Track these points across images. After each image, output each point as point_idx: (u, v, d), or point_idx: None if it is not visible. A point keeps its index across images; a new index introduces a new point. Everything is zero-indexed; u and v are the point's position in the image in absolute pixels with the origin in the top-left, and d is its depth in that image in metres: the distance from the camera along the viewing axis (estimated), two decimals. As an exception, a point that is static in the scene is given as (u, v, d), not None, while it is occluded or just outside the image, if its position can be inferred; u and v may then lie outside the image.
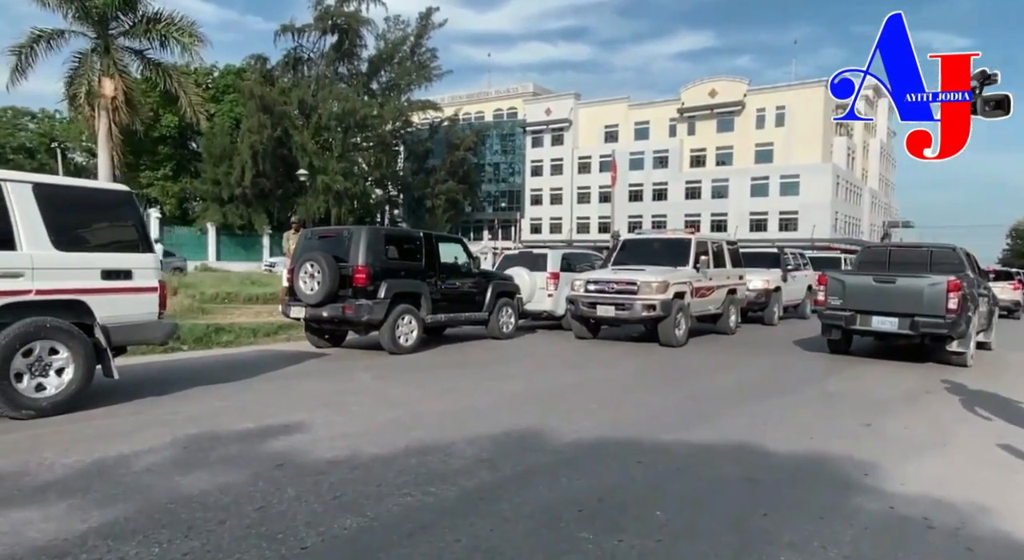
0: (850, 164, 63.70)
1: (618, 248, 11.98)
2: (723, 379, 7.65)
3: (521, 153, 74.52)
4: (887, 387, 7.35)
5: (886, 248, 11.36)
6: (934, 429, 5.39)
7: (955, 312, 8.54)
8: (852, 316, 9.16)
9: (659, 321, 10.01)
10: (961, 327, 8.68)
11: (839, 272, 10.47)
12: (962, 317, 8.65)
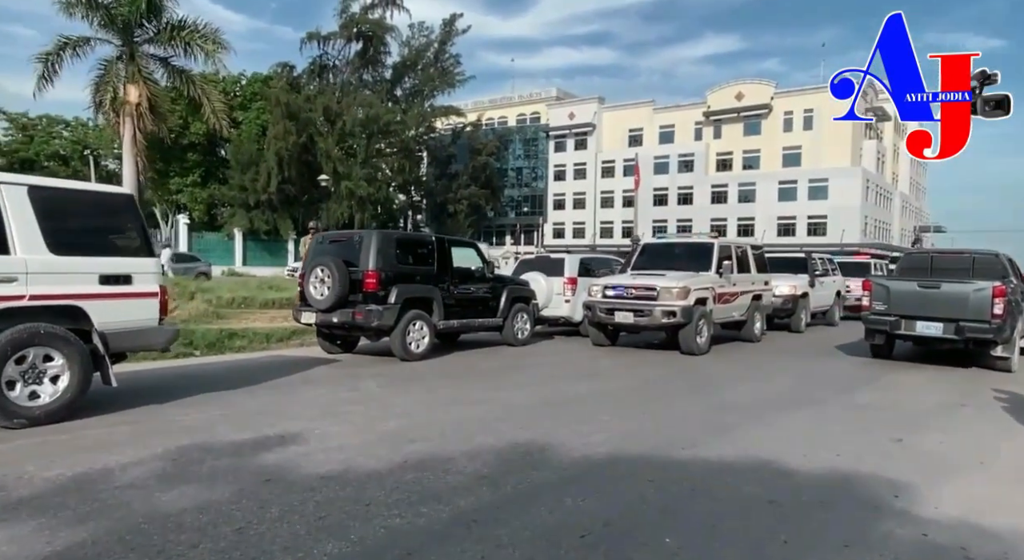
0: (880, 168, 62.22)
1: (638, 252, 11.67)
2: (746, 390, 7.31)
3: (544, 158, 74.37)
4: (921, 398, 6.95)
5: (928, 254, 11.24)
6: (971, 445, 5.02)
7: (1001, 317, 8.57)
8: (897, 321, 9.26)
9: (680, 328, 9.68)
10: (1007, 333, 8.68)
11: (884, 277, 10.52)
12: (1007, 322, 8.67)
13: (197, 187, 48.87)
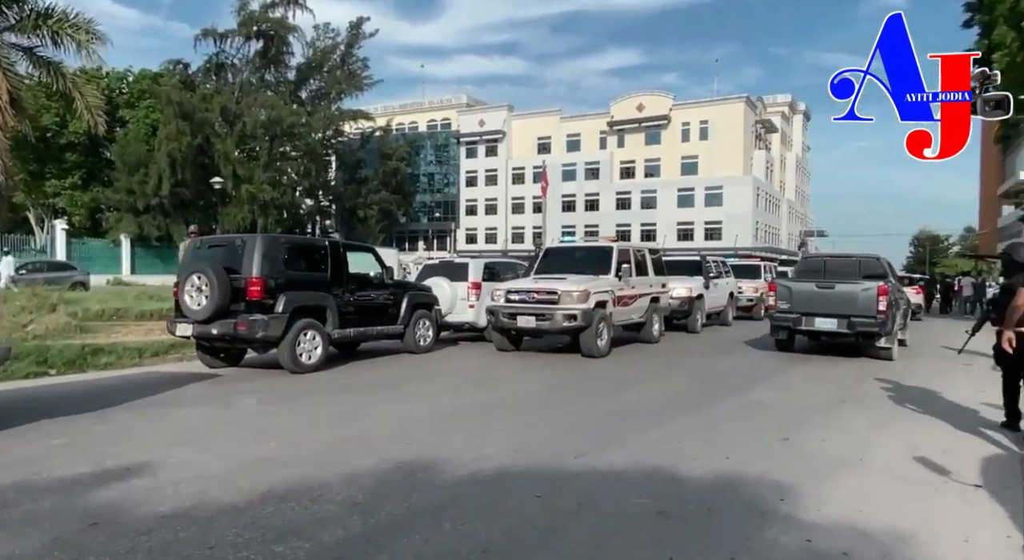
0: (769, 176, 66.35)
1: (540, 257, 11.59)
2: (643, 392, 7.30)
3: (456, 164, 74.07)
4: (807, 395, 7.17)
5: (822, 258, 12.19)
6: (852, 441, 5.15)
7: (884, 313, 9.79)
8: (799, 318, 10.32)
9: (581, 331, 9.64)
10: (889, 326, 9.91)
11: (787, 280, 11.54)
12: (889, 317, 9.88)
13: (77, 190, 44.95)
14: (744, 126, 60.35)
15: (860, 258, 11.23)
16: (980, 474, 4.31)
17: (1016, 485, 4.14)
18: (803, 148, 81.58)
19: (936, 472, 4.32)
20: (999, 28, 16.25)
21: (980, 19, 17.90)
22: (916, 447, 4.92)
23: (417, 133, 74.41)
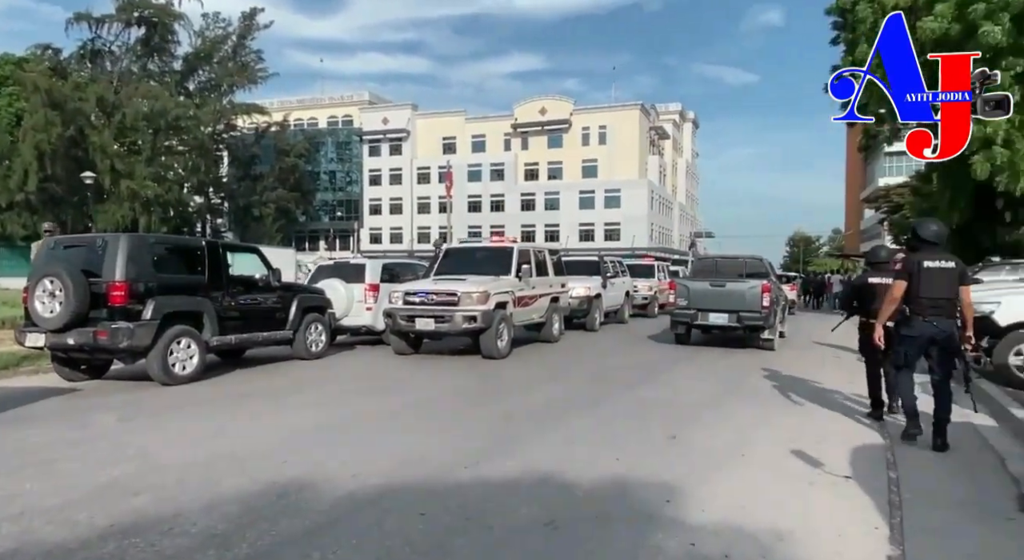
0: (662, 181, 69.46)
1: (440, 257, 11.34)
2: (541, 393, 7.23)
3: (359, 162, 72.14)
4: (697, 391, 7.36)
5: (714, 259, 13.30)
6: (735, 436, 5.29)
7: (767, 308, 10.84)
8: (695, 314, 11.28)
9: (481, 333, 9.49)
10: (771, 320, 10.98)
11: (684, 280, 12.38)
12: (771, 312, 10.95)
13: (-74, 184, 40.06)
14: (640, 132, 62.76)
15: (746, 259, 12.32)
16: (850, 464, 4.51)
17: (882, 474, 4.36)
18: (692, 154, 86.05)
19: (811, 465, 4.48)
20: (861, 46, 17.63)
21: (845, 37, 19.36)
22: (793, 439, 5.11)
23: (317, 130, 71.87)
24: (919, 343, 5.03)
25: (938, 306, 4.93)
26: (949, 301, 4.93)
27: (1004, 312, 7.51)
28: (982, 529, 3.43)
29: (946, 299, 4.93)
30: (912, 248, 5.23)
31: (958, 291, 4.96)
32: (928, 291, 4.92)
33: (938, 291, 4.92)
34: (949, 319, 4.94)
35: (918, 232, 5.20)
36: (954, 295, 4.95)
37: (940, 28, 14.85)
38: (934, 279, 4.92)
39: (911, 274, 5.00)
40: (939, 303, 4.93)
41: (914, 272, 4.97)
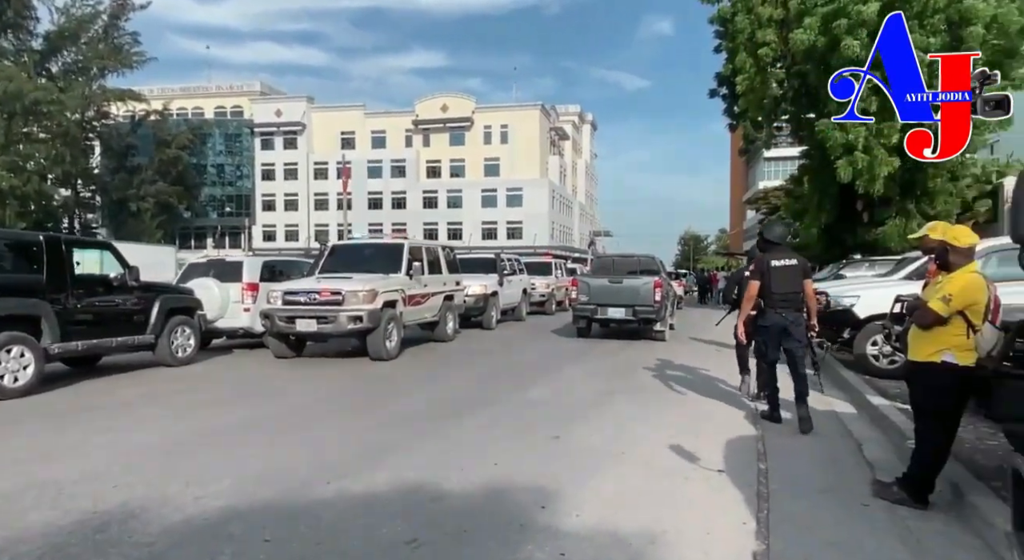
0: (562, 180, 70.94)
1: (326, 255, 10.74)
2: (425, 396, 6.93)
3: (250, 155, 68.45)
4: (585, 388, 7.33)
5: (612, 258, 14.36)
6: (616, 433, 5.24)
7: (659, 303, 11.74)
8: (595, 308, 12.04)
9: (368, 333, 9.04)
10: (663, 313, 11.98)
11: (585, 276, 13.14)
12: (663, 306, 11.90)
13: None
14: (540, 132, 63.69)
15: (640, 257, 13.52)
16: (724, 458, 4.55)
17: (753, 465, 4.42)
18: (591, 155, 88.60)
19: (687, 459, 4.48)
20: (740, 54, 18.65)
21: (726, 45, 20.40)
22: (673, 435, 5.12)
23: (203, 120, 67.47)
24: (773, 332, 5.55)
25: (787, 299, 5.47)
26: (796, 294, 5.49)
27: (863, 305, 8.02)
28: (841, 516, 3.50)
29: (793, 292, 5.48)
30: (761, 249, 5.80)
31: (802, 285, 5.52)
32: (778, 287, 5.46)
33: (786, 286, 5.46)
34: (797, 311, 5.50)
35: (765, 235, 5.79)
36: (799, 289, 5.50)
37: (809, 40, 15.90)
38: (781, 276, 5.47)
39: (762, 272, 5.53)
40: (787, 296, 5.47)
41: (765, 271, 5.51)
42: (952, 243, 3.62)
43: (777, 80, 19.35)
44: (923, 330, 3.59)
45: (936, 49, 15.14)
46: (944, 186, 16.99)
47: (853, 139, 15.92)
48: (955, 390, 3.51)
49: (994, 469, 4.00)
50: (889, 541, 3.19)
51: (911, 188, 17.29)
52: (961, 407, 3.63)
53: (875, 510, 3.59)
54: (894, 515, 3.51)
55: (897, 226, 17.15)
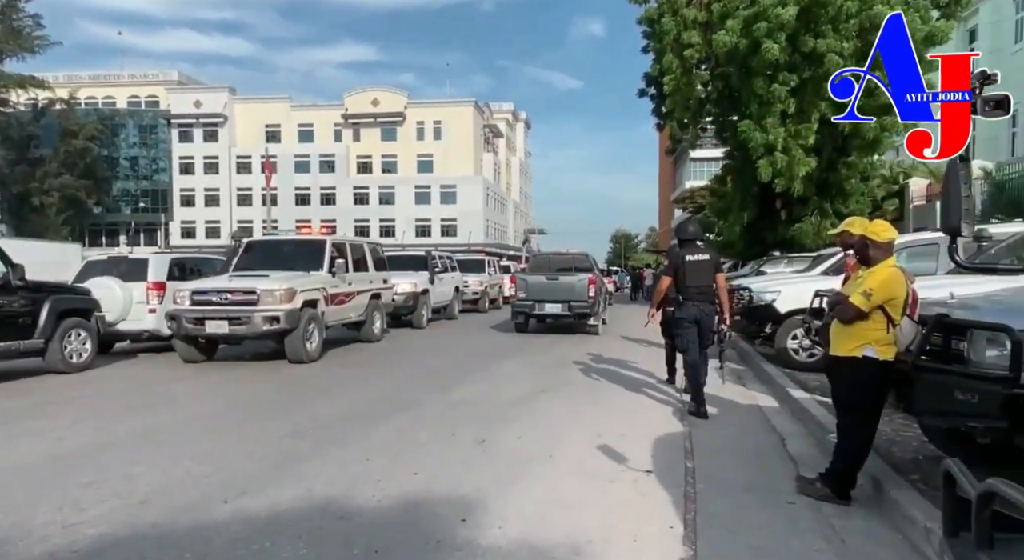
0: (497, 178, 70.90)
1: (241, 251, 10.12)
2: (346, 399, 6.57)
3: (166, 148, 64.97)
4: (513, 387, 7.13)
5: (548, 256, 14.91)
6: (544, 435, 5.08)
7: (593, 298, 12.29)
8: (533, 304, 12.56)
9: (285, 334, 8.55)
10: (596, 308, 12.51)
11: (524, 274, 13.62)
12: (596, 302, 12.45)
13: None
14: (474, 129, 63.37)
15: (574, 255, 13.96)
16: (651, 457, 4.45)
17: (680, 464, 4.34)
18: (525, 153, 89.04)
19: (615, 460, 4.35)
20: (667, 55, 18.94)
21: (653, 46, 20.72)
22: (600, 435, 5.00)
23: (115, 110, 63.59)
24: (687, 322, 5.86)
25: (702, 292, 5.85)
26: (709, 287, 5.87)
27: (783, 301, 8.20)
28: (766, 517, 3.44)
29: (706, 286, 5.86)
30: (679, 245, 6.19)
31: (714, 279, 5.91)
32: (693, 280, 5.83)
33: (699, 280, 5.84)
34: (710, 303, 5.89)
35: (679, 233, 6.21)
36: (712, 282, 5.89)
37: (731, 42, 16.29)
38: (695, 270, 5.84)
39: (676, 268, 5.92)
40: (702, 289, 5.85)
41: (679, 266, 5.89)
42: (872, 238, 3.61)
43: (702, 82, 19.79)
44: (844, 325, 3.57)
45: (849, 54, 15.92)
46: (857, 186, 17.82)
47: (773, 139, 16.45)
48: (876, 384, 3.51)
49: (910, 461, 4.06)
50: (814, 541, 3.13)
51: (826, 188, 18.04)
52: (882, 401, 3.64)
53: (800, 508, 3.55)
54: (818, 513, 3.47)
55: (813, 224, 17.86)
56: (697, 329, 5.86)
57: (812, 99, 16.26)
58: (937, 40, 15.25)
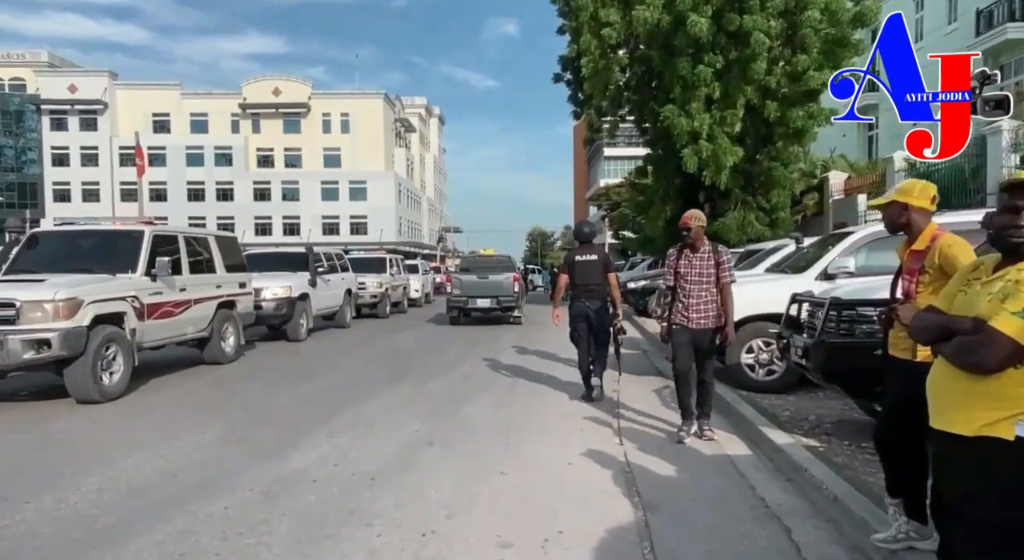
0: (410, 174, 68.12)
1: (21, 246, 7.45)
2: (112, 472, 4.28)
3: (36, 137, 58.15)
4: (383, 438, 5.06)
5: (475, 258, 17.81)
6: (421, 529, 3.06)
7: (517, 294, 14.58)
8: (467, 300, 14.45)
9: (65, 365, 6.07)
10: (520, 302, 14.91)
11: (458, 273, 15.56)
12: (520, 296, 14.98)
13: None
14: (384, 122, 60.42)
15: (499, 257, 16.70)
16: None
17: None
18: (440, 150, 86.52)
19: None
20: (584, 35, 17.27)
21: (568, 26, 19.03)
22: (509, 433, 3.02)
23: (-32, 92, 56.20)
24: (578, 318, 6.31)
25: (589, 290, 6.27)
26: (599, 285, 6.26)
27: (736, 304, 6.56)
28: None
29: (596, 284, 6.26)
30: (577, 245, 6.64)
31: (604, 277, 6.27)
32: (581, 279, 6.28)
33: (587, 278, 6.26)
34: (599, 300, 6.27)
35: (575, 234, 6.75)
36: (602, 280, 6.25)
37: (652, 18, 14.85)
38: (583, 269, 6.29)
39: (568, 266, 6.42)
40: (590, 287, 6.27)
41: (571, 265, 6.38)
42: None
43: (621, 66, 18.34)
44: (972, 374, 1.75)
45: (776, 33, 14.84)
46: (782, 177, 16.78)
47: (698, 126, 15.16)
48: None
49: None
50: None
51: (750, 180, 17.00)
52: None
53: None
54: None
55: (736, 218, 16.76)
56: (588, 325, 6.24)
57: (738, 83, 15.04)
58: (867, 20, 14.39)
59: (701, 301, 4.76)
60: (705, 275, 4.79)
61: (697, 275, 4.79)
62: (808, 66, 14.68)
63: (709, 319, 4.75)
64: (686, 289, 4.81)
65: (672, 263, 4.97)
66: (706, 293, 4.77)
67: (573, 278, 6.30)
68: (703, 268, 4.80)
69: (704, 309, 4.76)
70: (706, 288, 4.77)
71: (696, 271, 4.80)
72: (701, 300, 4.76)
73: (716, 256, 4.84)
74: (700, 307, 4.76)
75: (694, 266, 4.82)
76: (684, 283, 4.82)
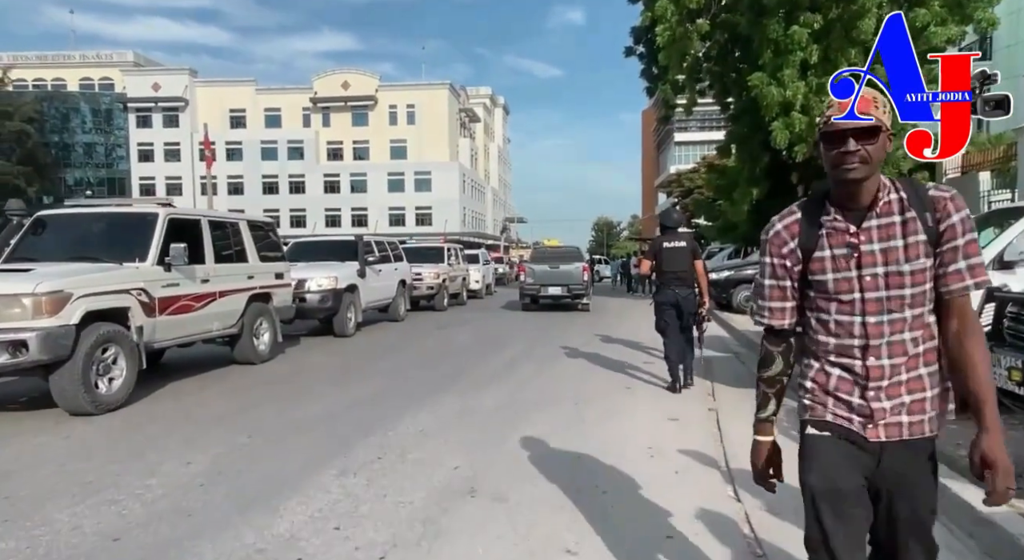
0: (474, 164, 67.36)
1: (25, 230, 6.68)
2: (123, 500, 3.27)
3: (124, 134, 60.88)
4: (427, 472, 3.88)
5: (546, 249, 19.17)
6: None
7: (586, 283, 15.69)
8: (539, 288, 15.47)
9: (49, 371, 5.19)
10: (588, 291, 16.00)
11: (530, 262, 16.44)
12: (589, 285, 16.16)
13: None
14: (449, 113, 59.79)
15: (569, 248, 17.88)
16: None
17: None
18: (504, 140, 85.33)
19: None
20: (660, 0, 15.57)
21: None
22: None
23: (61, 92, 59.24)
24: (666, 307, 6.26)
25: (678, 277, 6.24)
26: (685, 272, 6.22)
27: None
28: None
29: (682, 271, 6.21)
30: (661, 231, 6.56)
31: (692, 264, 6.21)
32: (669, 266, 6.24)
33: (676, 265, 6.22)
34: (688, 287, 6.24)
35: (662, 219, 6.67)
36: (689, 267, 6.21)
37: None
38: (671, 256, 6.24)
39: (655, 253, 6.38)
40: (678, 275, 6.23)
41: (657, 252, 6.35)
42: None
43: (700, 34, 16.49)
44: None
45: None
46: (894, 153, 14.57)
47: (791, 96, 13.24)
48: None
49: None
50: None
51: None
52: None
53: None
54: None
55: (835, 202, 14.72)
56: (676, 312, 6.18)
57: (840, 45, 13.02)
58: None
59: (903, 363, 1.63)
60: (912, 273, 1.61)
61: (891, 274, 1.64)
62: (928, 21, 12.51)
63: (926, 411, 1.71)
64: (847, 325, 1.66)
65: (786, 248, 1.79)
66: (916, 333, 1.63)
67: (660, 265, 6.26)
68: (902, 253, 1.61)
69: (914, 387, 1.65)
70: (914, 317, 1.62)
71: (881, 260, 1.64)
72: (903, 361, 1.63)
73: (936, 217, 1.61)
74: (903, 385, 1.65)
75: (883, 246, 1.66)
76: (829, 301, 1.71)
